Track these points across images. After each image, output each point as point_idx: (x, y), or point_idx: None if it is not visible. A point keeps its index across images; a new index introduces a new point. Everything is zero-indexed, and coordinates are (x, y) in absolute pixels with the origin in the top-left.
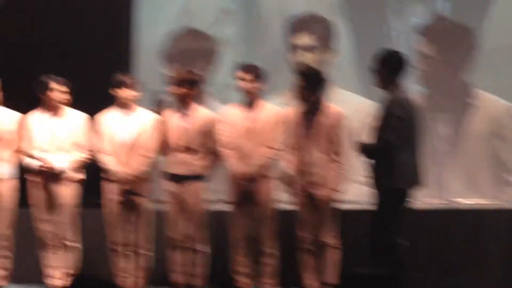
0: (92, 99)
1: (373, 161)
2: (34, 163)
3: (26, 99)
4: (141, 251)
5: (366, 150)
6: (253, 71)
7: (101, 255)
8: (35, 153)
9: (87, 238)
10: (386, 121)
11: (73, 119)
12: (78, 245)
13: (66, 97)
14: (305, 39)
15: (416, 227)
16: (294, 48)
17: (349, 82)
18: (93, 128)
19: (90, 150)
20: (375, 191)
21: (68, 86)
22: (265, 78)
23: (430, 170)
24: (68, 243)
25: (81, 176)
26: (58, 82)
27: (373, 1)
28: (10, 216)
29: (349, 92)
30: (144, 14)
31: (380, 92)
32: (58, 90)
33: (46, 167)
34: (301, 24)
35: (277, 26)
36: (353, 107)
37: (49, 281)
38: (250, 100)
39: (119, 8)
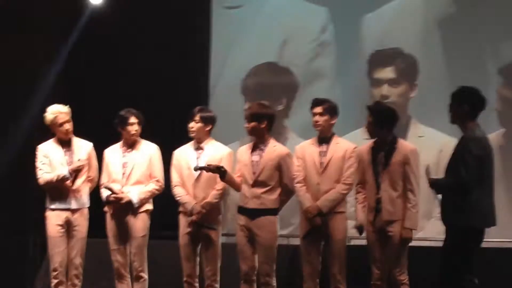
0: (171, 132)
1: (441, 198)
2: (105, 194)
3: (102, 130)
4: (208, 282)
5: (438, 186)
6: (322, 104)
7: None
8: (111, 185)
9: (156, 270)
10: (463, 159)
11: (148, 151)
12: (145, 275)
13: (138, 129)
14: (387, 73)
15: (487, 265)
16: (376, 81)
17: (435, 118)
18: (171, 162)
19: (160, 181)
20: (447, 228)
21: (139, 118)
22: (335, 111)
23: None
24: (136, 273)
25: (150, 207)
26: (135, 116)
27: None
28: (81, 245)
29: (431, 129)
30: (223, 50)
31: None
32: (135, 124)
33: (115, 197)
34: (384, 58)
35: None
36: (435, 143)
37: None
38: (322, 134)
39: (200, 44)
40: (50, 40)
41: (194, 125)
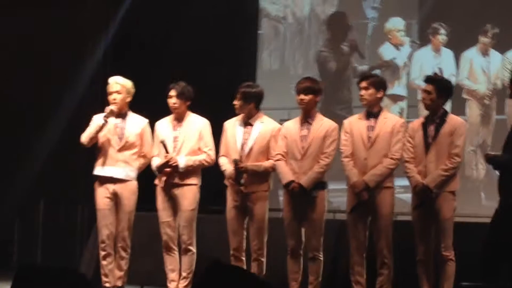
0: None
1: (498, 173)
2: (156, 163)
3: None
4: (255, 256)
5: (496, 162)
6: (367, 78)
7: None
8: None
9: (204, 243)
10: None
11: (197, 125)
12: (193, 249)
13: (177, 102)
14: None
15: None
16: None
17: None
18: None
19: (210, 154)
20: (503, 205)
21: (179, 91)
22: (382, 85)
23: None
24: (184, 246)
25: (198, 181)
26: (174, 89)
27: None
28: (129, 218)
29: None
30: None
31: None
32: (173, 97)
33: (165, 159)
34: None
35: None
36: None
37: (167, 283)
38: (369, 109)
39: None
40: (99, 16)
41: (236, 102)
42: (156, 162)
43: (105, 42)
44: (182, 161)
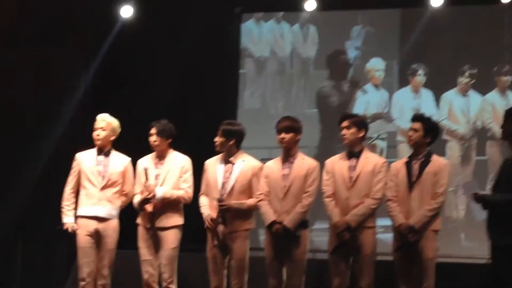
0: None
1: (487, 215)
2: (137, 199)
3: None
4: None
5: (487, 201)
6: (348, 118)
7: None
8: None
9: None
10: None
11: (179, 163)
12: (174, 287)
13: (157, 140)
14: None
15: None
16: None
17: None
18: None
19: (188, 192)
20: (494, 247)
21: (159, 129)
22: (363, 125)
23: None
24: (165, 284)
25: (181, 222)
26: (155, 127)
27: None
28: (110, 256)
29: None
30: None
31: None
32: (153, 135)
33: (148, 190)
34: None
35: None
36: None
37: None
38: (351, 148)
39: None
40: (81, 54)
41: (217, 139)
42: (137, 199)
43: (87, 80)
44: (160, 192)
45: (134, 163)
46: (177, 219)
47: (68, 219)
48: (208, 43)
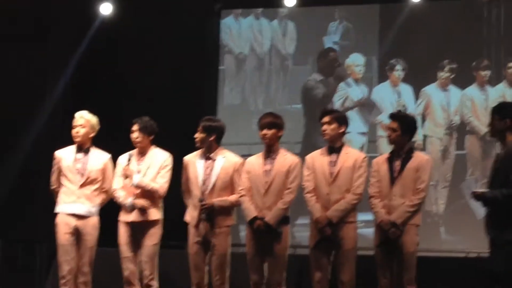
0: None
1: (486, 211)
2: (119, 195)
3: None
4: None
5: (486, 198)
6: (330, 114)
7: None
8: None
9: (165, 279)
10: None
11: (159, 158)
12: (155, 284)
13: (139, 137)
14: None
15: None
16: None
17: None
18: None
19: (163, 186)
20: (493, 242)
21: (141, 126)
22: (343, 121)
23: None
24: (146, 281)
25: (160, 216)
26: (137, 123)
27: None
28: (90, 253)
29: None
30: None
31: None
32: (135, 131)
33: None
34: None
35: None
36: None
37: None
38: (331, 144)
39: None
40: (62, 50)
41: (197, 135)
42: (119, 194)
43: (66, 77)
44: (136, 179)
45: (115, 160)
46: (156, 214)
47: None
48: (187, 40)
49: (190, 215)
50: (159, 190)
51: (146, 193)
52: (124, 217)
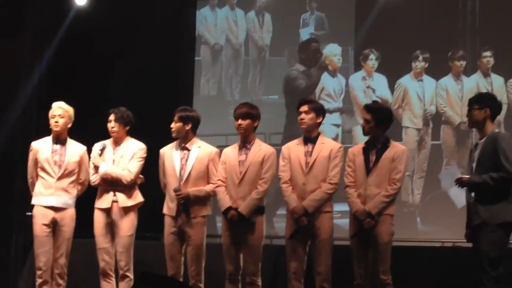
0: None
1: (474, 197)
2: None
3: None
4: (193, 282)
5: (472, 184)
6: (308, 103)
7: None
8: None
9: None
10: (503, 153)
11: (133, 148)
12: (131, 275)
13: (115, 127)
14: None
15: None
16: None
17: None
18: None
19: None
20: (483, 225)
21: (117, 116)
22: (321, 111)
23: None
24: (121, 272)
25: (139, 200)
26: (113, 113)
27: None
28: (67, 244)
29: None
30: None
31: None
32: (112, 121)
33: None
34: None
35: None
36: None
37: None
38: (308, 134)
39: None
40: (36, 41)
41: (173, 125)
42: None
43: (40, 67)
44: (103, 167)
45: (90, 152)
46: (128, 201)
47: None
48: (163, 30)
49: (167, 206)
50: (125, 176)
51: (115, 181)
52: (100, 204)
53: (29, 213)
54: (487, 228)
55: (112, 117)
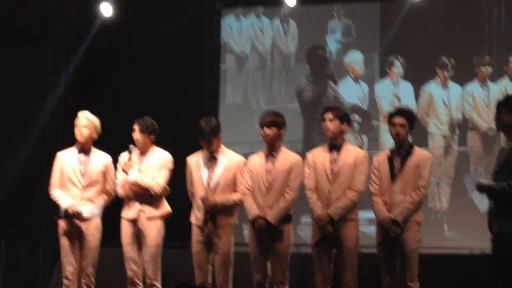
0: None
1: (491, 204)
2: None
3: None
4: None
5: (492, 191)
6: (333, 110)
7: None
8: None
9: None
10: None
11: (159, 158)
12: (158, 284)
13: (139, 137)
14: None
15: None
16: None
17: None
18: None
19: (159, 184)
20: (498, 236)
21: (142, 126)
22: (346, 118)
23: None
24: (149, 281)
25: (158, 213)
26: (137, 123)
27: None
28: (93, 254)
29: None
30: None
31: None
32: (136, 131)
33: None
34: None
35: None
36: None
37: None
38: (333, 141)
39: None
40: (62, 50)
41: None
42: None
43: (66, 77)
44: (133, 175)
45: (115, 162)
46: (154, 211)
47: (66, 202)
48: (188, 39)
49: (195, 216)
50: (154, 187)
51: (143, 190)
52: (126, 214)
53: (57, 218)
54: (499, 239)
55: (136, 127)
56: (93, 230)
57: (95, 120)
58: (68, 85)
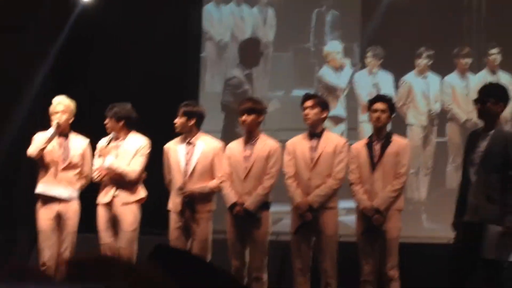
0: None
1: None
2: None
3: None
4: None
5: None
6: (312, 98)
7: None
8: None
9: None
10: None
11: (136, 144)
12: None
13: (108, 123)
14: None
15: None
16: None
17: None
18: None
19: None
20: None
21: (110, 114)
22: (326, 106)
23: None
24: None
25: (134, 199)
26: (110, 109)
27: None
28: (72, 238)
29: None
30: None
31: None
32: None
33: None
34: None
35: None
36: None
37: None
38: (313, 129)
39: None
40: (42, 38)
41: (177, 120)
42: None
43: (46, 63)
44: (108, 161)
45: (93, 146)
46: (130, 197)
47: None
48: (169, 26)
49: (173, 202)
50: (129, 173)
51: (118, 176)
52: (102, 199)
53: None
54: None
55: (106, 113)
56: (71, 213)
57: (70, 103)
58: (48, 71)
